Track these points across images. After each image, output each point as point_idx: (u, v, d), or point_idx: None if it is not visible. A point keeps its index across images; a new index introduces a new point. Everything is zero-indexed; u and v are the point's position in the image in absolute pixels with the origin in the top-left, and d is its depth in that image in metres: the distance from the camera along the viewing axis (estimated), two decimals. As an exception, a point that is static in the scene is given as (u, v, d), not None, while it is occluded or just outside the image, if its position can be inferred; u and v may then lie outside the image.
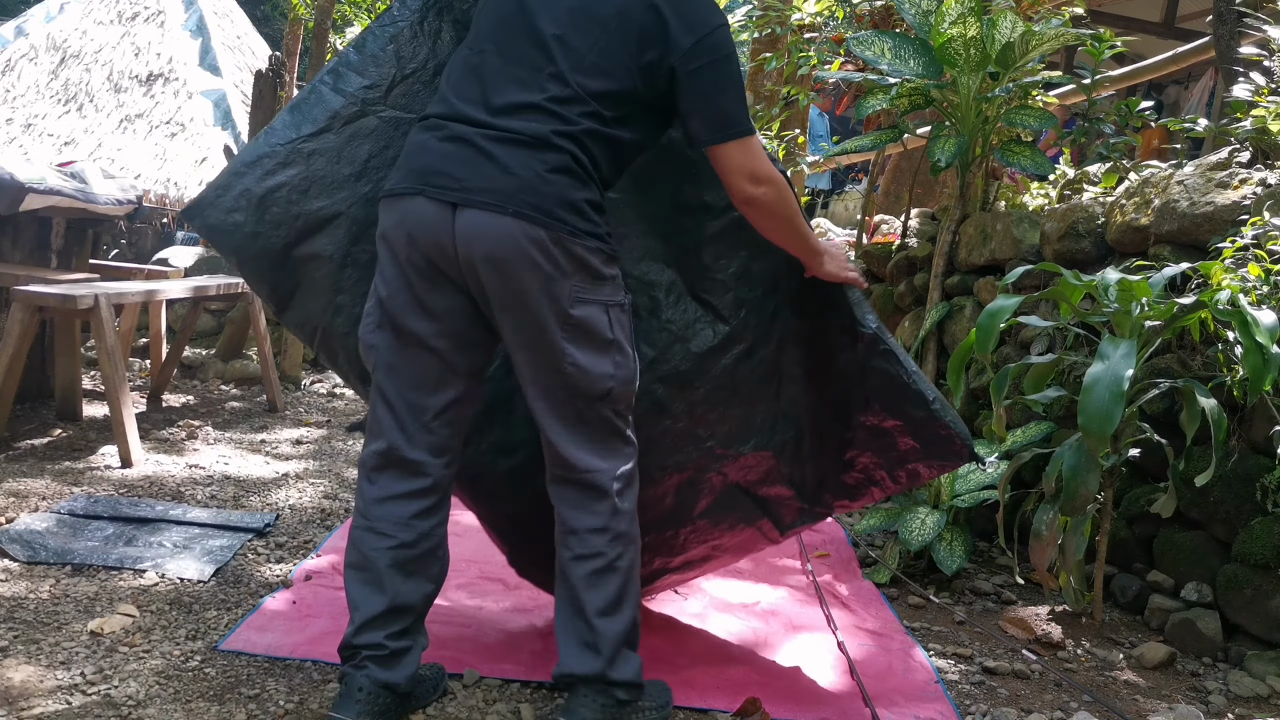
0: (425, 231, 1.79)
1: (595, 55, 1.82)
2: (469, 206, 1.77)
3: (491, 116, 1.80)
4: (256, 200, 2.03)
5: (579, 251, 1.79)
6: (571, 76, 1.80)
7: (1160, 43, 7.24)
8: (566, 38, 1.82)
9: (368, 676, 1.85)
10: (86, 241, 4.69)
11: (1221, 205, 2.85)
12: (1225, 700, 2.33)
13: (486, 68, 1.85)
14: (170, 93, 9.43)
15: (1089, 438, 2.29)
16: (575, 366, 1.82)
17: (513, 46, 1.85)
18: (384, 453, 1.89)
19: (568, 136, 1.80)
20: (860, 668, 2.35)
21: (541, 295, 1.78)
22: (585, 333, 1.82)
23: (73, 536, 2.77)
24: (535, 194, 1.76)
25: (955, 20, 3.48)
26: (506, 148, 1.78)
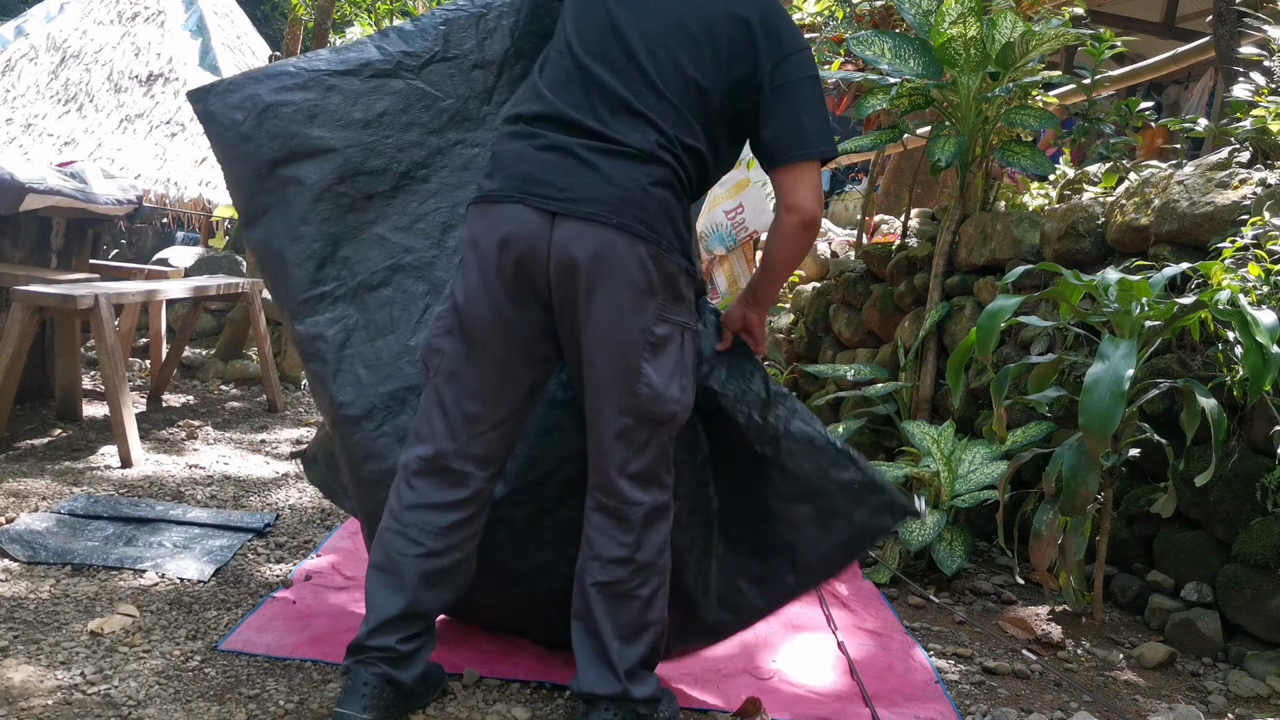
0: (521, 239, 1.76)
1: (689, 69, 1.81)
2: (570, 217, 1.74)
3: (594, 125, 1.78)
4: (262, 107, 2.03)
5: (671, 269, 1.78)
6: (667, 90, 1.80)
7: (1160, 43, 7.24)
8: (660, 50, 1.81)
9: (374, 674, 1.85)
10: (86, 241, 4.69)
11: (1221, 205, 2.85)
12: (1225, 700, 2.33)
13: (584, 75, 1.82)
14: (170, 93, 9.43)
15: (1089, 438, 2.29)
16: (649, 388, 1.79)
17: (608, 56, 1.82)
18: (429, 459, 1.86)
19: (669, 150, 1.79)
20: (860, 668, 2.35)
21: (632, 310, 1.76)
22: (662, 353, 1.80)
23: (73, 536, 2.77)
24: (639, 207, 1.75)
25: (955, 20, 3.48)
26: (610, 159, 1.76)
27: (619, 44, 1.82)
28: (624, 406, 1.80)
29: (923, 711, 2.16)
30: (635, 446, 1.82)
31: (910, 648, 2.51)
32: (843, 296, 4.77)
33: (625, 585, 1.86)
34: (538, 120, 1.82)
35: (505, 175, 1.81)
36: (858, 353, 4.55)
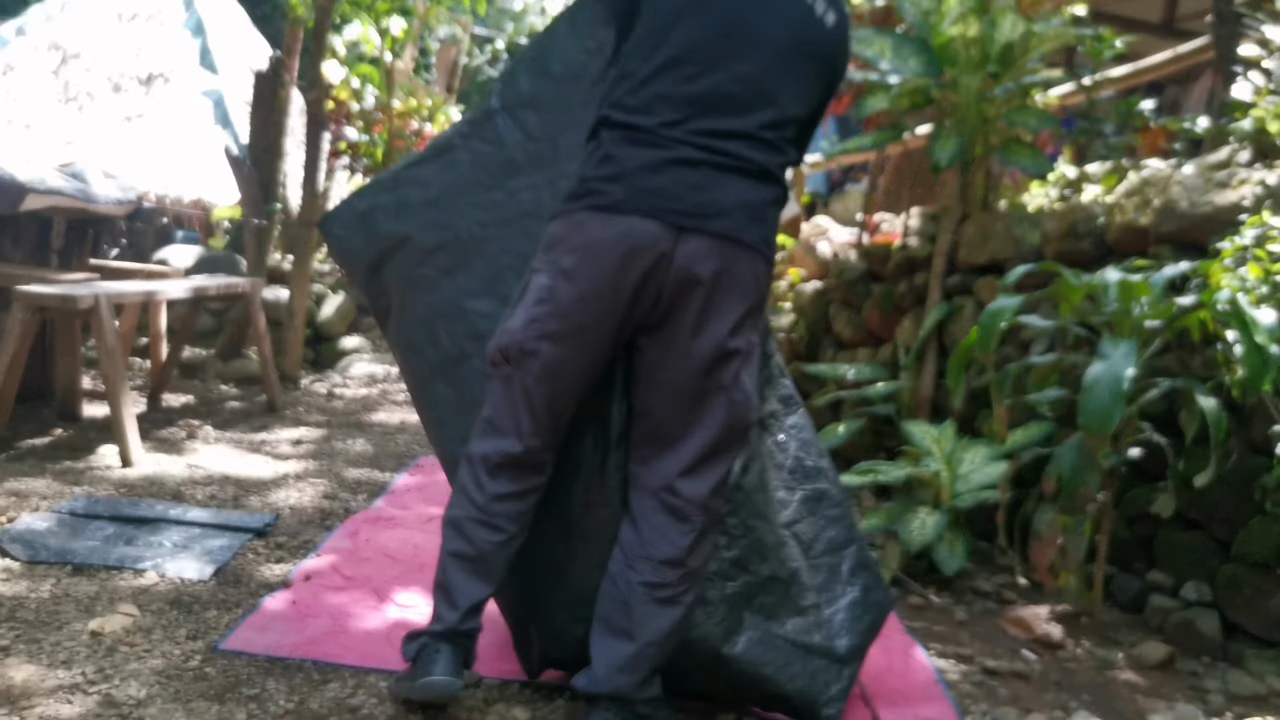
0: (647, 253, 1.76)
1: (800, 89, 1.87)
2: (700, 233, 1.76)
3: (714, 140, 1.79)
4: (358, 217, 2.17)
5: (771, 281, 1.89)
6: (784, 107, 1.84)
7: (1160, 43, 7.24)
8: (785, 67, 1.84)
9: (458, 649, 1.90)
10: (86, 241, 4.69)
11: (1221, 205, 2.85)
12: (1225, 700, 2.33)
13: (712, 82, 1.81)
14: (170, 93, 9.43)
15: (1089, 437, 2.30)
16: (743, 394, 1.84)
17: (736, 62, 1.82)
18: (514, 454, 1.89)
19: (780, 169, 1.86)
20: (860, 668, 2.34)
21: (742, 323, 1.81)
22: (750, 360, 1.87)
23: (73, 536, 2.77)
24: (761, 225, 1.82)
25: (956, 20, 3.48)
26: (734, 176, 1.80)
27: (750, 53, 1.82)
28: (720, 414, 1.83)
29: (923, 711, 2.16)
30: (717, 453, 1.85)
31: (910, 648, 2.51)
32: (843, 296, 4.76)
33: (674, 589, 1.86)
34: (665, 126, 1.81)
35: (631, 185, 1.79)
36: (858, 353, 4.55)
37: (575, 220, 1.83)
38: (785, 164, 1.86)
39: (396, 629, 2.34)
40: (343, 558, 2.79)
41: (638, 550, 1.88)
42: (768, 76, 1.82)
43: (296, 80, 7.00)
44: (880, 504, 3.72)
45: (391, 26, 6.71)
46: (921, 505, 3.08)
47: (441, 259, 2.11)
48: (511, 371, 1.87)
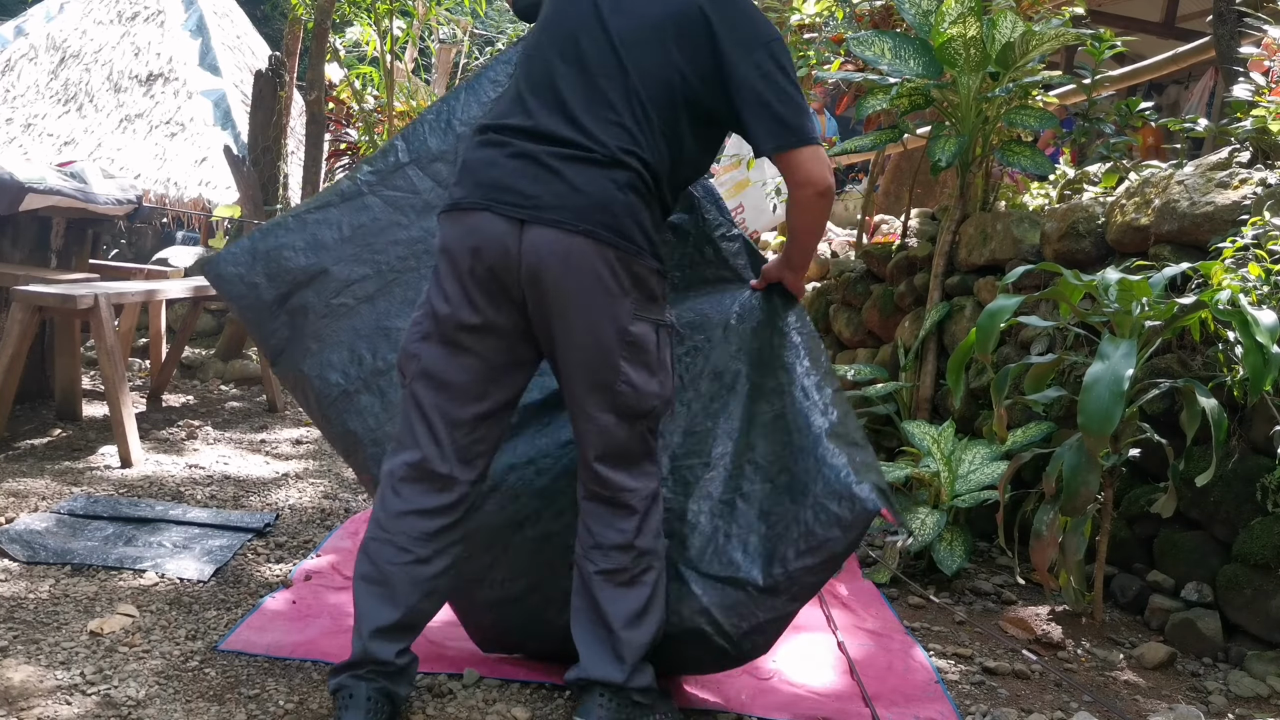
0: (491, 247, 1.79)
1: (658, 68, 1.84)
2: (538, 224, 1.77)
3: (561, 131, 1.81)
4: (259, 255, 2.29)
5: (641, 271, 1.82)
6: (635, 92, 1.83)
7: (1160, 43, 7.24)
8: (629, 51, 1.84)
9: (374, 688, 1.85)
10: (86, 241, 4.69)
11: (1221, 205, 2.85)
12: (1225, 700, 2.33)
13: (553, 80, 1.85)
14: (170, 93, 9.43)
15: (1089, 437, 2.29)
16: (629, 385, 1.84)
17: (579, 59, 1.85)
18: (415, 465, 1.87)
19: (635, 154, 1.81)
20: (860, 668, 2.35)
21: (605, 313, 1.80)
22: (640, 351, 1.84)
23: (72, 536, 2.77)
24: (605, 212, 1.78)
25: (955, 20, 3.48)
26: (576, 165, 1.79)
27: (591, 46, 1.85)
28: (606, 404, 1.84)
29: (923, 711, 2.16)
30: (620, 439, 1.87)
31: (910, 648, 2.51)
32: (843, 296, 4.77)
33: (630, 571, 1.89)
34: (506, 129, 1.85)
35: (474, 182, 1.84)
36: (858, 353, 4.55)
37: (440, 227, 1.90)
38: (640, 147, 1.82)
39: (396, 629, 2.34)
40: (343, 558, 2.79)
41: (588, 541, 1.93)
42: (618, 60, 1.83)
43: (296, 81, 7.00)
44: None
45: (392, 27, 6.71)
46: (921, 505, 3.08)
47: (361, 288, 2.27)
48: (404, 380, 1.91)
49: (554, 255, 1.76)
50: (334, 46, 7.74)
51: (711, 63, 1.85)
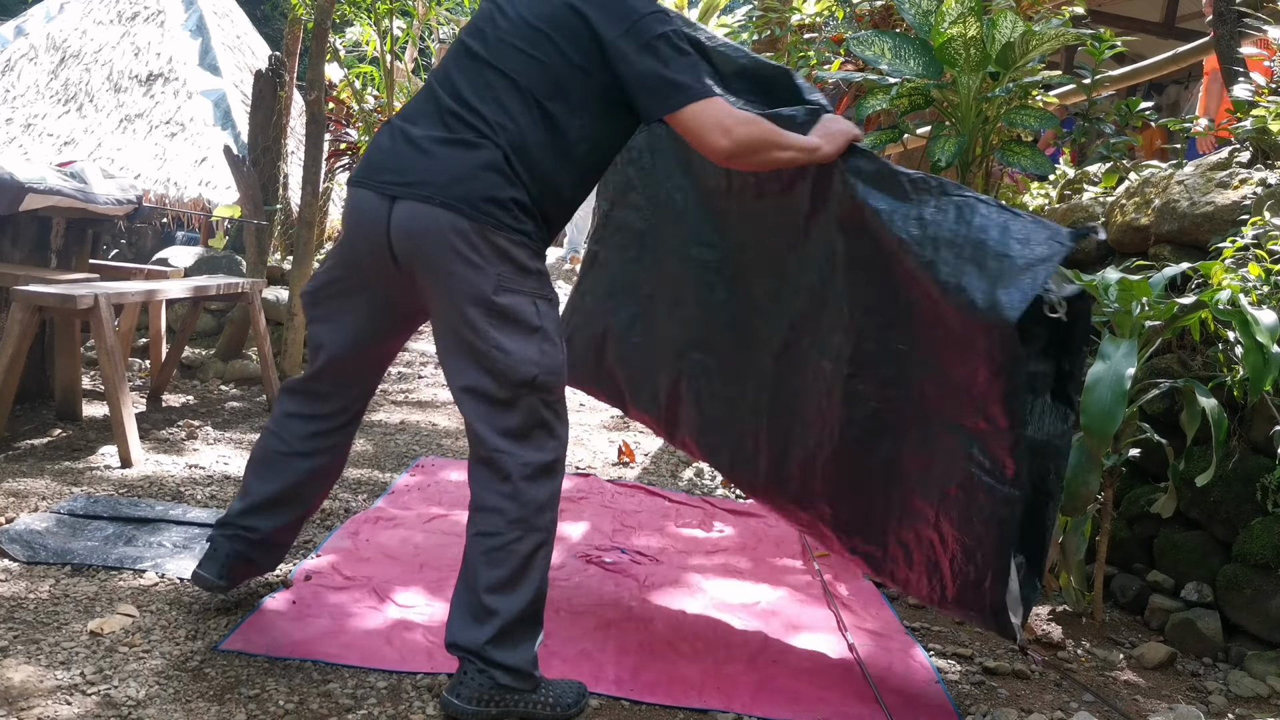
0: (367, 220, 2.02)
1: (533, 57, 1.98)
2: (405, 199, 1.96)
3: (439, 118, 2.01)
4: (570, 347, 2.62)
5: (503, 244, 1.95)
6: (518, 81, 1.98)
7: (1160, 43, 7.24)
8: (507, 45, 2.01)
9: (235, 549, 2.29)
10: (86, 241, 4.68)
11: (1221, 205, 2.85)
12: (1225, 700, 2.33)
13: (451, 73, 2.05)
14: (170, 93, 9.43)
15: (1090, 437, 2.29)
16: (500, 350, 1.95)
17: (473, 54, 2.04)
18: (301, 381, 2.28)
19: (503, 137, 1.96)
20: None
21: (466, 282, 1.94)
22: (511, 319, 1.96)
23: (72, 536, 2.77)
24: (463, 187, 1.94)
25: (955, 20, 3.48)
26: (447, 147, 1.98)
27: (482, 43, 2.03)
28: (481, 368, 1.97)
29: (923, 712, 2.16)
30: (498, 403, 1.98)
31: (910, 648, 2.51)
32: (843, 296, 4.76)
33: (503, 537, 1.96)
34: (402, 117, 2.08)
35: (364, 164, 2.08)
36: (858, 353, 4.54)
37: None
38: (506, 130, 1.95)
39: (396, 629, 2.34)
40: (343, 558, 2.79)
41: (472, 503, 2.04)
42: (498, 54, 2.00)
43: (297, 81, 7.00)
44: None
45: (392, 27, 6.71)
46: (921, 505, 3.08)
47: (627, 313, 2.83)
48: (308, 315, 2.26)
49: (417, 227, 1.95)
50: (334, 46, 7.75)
51: (593, 48, 1.97)
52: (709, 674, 2.27)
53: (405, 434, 4.57)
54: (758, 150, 2.01)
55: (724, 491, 3.99)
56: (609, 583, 2.81)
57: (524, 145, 1.96)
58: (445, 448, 4.34)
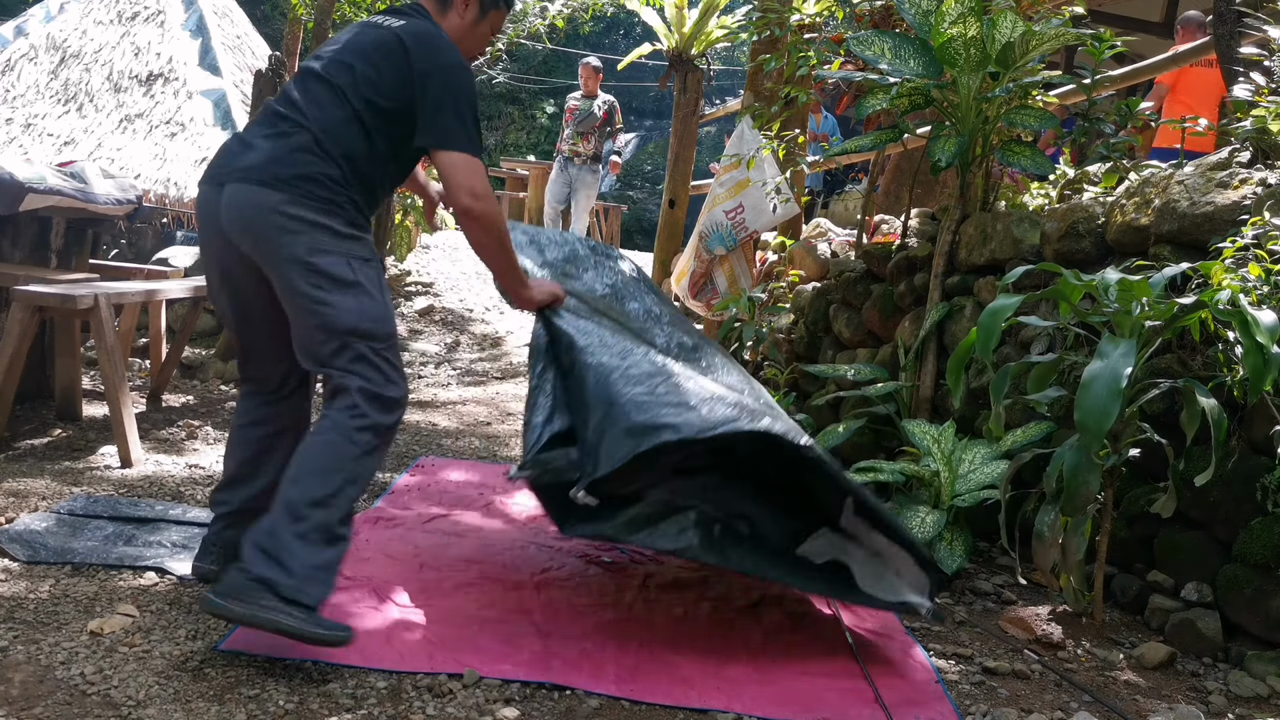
0: (205, 211, 2.33)
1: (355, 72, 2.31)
2: (230, 182, 2.27)
3: (270, 119, 2.33)
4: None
5: (312, 214, 2.24)
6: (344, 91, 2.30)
7: (1160, 43, 7.25)
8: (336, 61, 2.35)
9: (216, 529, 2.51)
10: (86, 241, 4.69)
11: (1221, 205, 2.85)
12: (1225, 700, 2.33)
13: (287, 88, 2.40)
14: (170, 93, 9.43)
15: (1085, 434, 2.29)
16: (322, 304, 2.23)
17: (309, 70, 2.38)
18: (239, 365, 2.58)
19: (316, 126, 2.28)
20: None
21: (285, 248, 2.22)
22: (328, 276, 2.24)
23: (72, 536, 2.77)
24: (278, 166, 2.25)
25: (955, 20, 3.48)
26: (267, 139, 2.29)
27: (316, 63, 2.37)
28: (308, 324, 2.25)
29: (923, 712, 2.16)
30: (331, 349, 2.26)
31: (910, 648, 2.51)
32: (843, 296, 4.76)
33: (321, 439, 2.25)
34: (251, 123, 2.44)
35: (206, 168, 2.38)
36: (858, 353, 4.55)
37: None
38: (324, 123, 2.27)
39: (396, 629, 2.34)
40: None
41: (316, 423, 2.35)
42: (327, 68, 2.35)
43: (296, 80, 6.99)
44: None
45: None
46: (921, 505, 3.08)
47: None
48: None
49: (239, 204, 2.25)
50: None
51: (406, 74, 2.29)
52: (709, 674, 2.27)
53: (405, 434, 4.57)
54: (487, 229, 2.35)
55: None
56: (609, 583, 2.81)
57: (333, 130, 2.28)
58: (445, 448, 4.34)
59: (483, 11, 2.52)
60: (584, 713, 2.06)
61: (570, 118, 8.92)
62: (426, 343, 6.81)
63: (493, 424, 4.94)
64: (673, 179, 7.97)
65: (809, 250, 5.70)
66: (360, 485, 2.25)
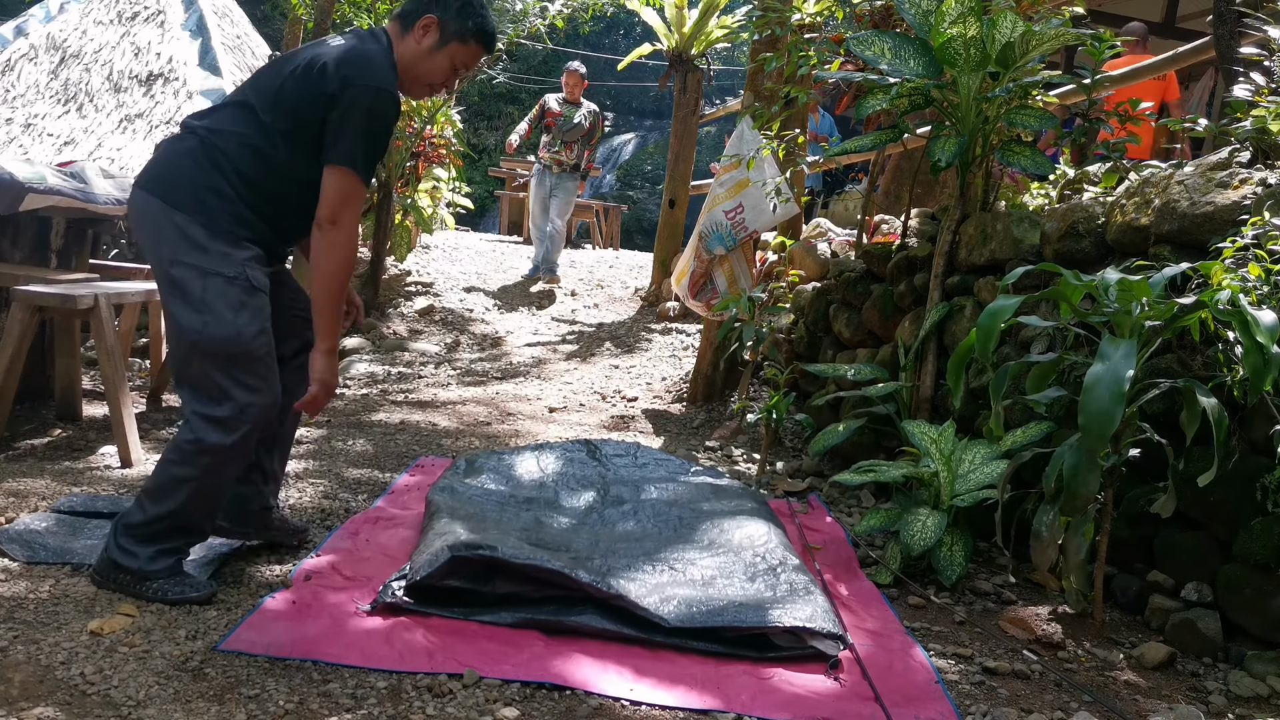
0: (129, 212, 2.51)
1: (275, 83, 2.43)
2: (134, 187, 2.43)
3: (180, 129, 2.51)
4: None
5: (181, 221, 2.34)
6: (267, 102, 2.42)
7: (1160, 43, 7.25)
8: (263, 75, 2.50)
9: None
10: (86, 241, 4.69)
11: (1221, 205, 2.85)
12: (1225, 700, 2.33)
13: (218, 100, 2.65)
14: (170, 93, 9.43)
15: (1089, 438, 2.29)
16: (172, 315, 2.37)
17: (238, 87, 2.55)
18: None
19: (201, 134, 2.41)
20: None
21: (153, 253, 2.38)
22: (181, 290, 2.35)
23: (72, 535, 2.77)
24: (158, 170, 2.41)
25: (955, 20, 3.48)
26: (164, 144, 2.48)
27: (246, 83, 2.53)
28: (168, 329, 2.38)
29: (923, 711, 2.16)
30: (180, 358, 2.39)
31: (910, 648, 2.51)
32: (843, 296, 4.77)
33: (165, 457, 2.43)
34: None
35: None
36: (858, 353, 4.55)
37: None
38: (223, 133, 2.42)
39: (396, 629, 2.34)
40: (343, 557, 2.79)
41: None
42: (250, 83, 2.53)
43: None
44: (880, 504, 3.72)
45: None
46: (921, 505, 3.08)
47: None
48: None
49: (130, 208, 2.43)
50: (334, 46, 7.73)
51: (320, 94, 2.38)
52: (709, 674, 2.27)
53: (405, 434, 4.57)
54: (330, 250, 2.42)
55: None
56: (609, 583, 2.81)
57: (227, 141, 2.39)
58: (445, 448, 4.34)
59: (442, 40, 2.53)
60: (584, 713, 2.06)
61: (552, 123, 8.65)
62: (426, 343, 6.80)
63: (492, 424, 4.94)
64: (673, 179, 7.97)
65: (809, 250, 5.70)
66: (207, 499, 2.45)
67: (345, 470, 3.85)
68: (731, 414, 5.18)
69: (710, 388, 5.58)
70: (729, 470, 4.32)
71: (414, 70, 2.54)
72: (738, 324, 4.57)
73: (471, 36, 2.57)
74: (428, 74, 2.57)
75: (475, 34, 2.56)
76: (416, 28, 2.52)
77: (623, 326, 7.47)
